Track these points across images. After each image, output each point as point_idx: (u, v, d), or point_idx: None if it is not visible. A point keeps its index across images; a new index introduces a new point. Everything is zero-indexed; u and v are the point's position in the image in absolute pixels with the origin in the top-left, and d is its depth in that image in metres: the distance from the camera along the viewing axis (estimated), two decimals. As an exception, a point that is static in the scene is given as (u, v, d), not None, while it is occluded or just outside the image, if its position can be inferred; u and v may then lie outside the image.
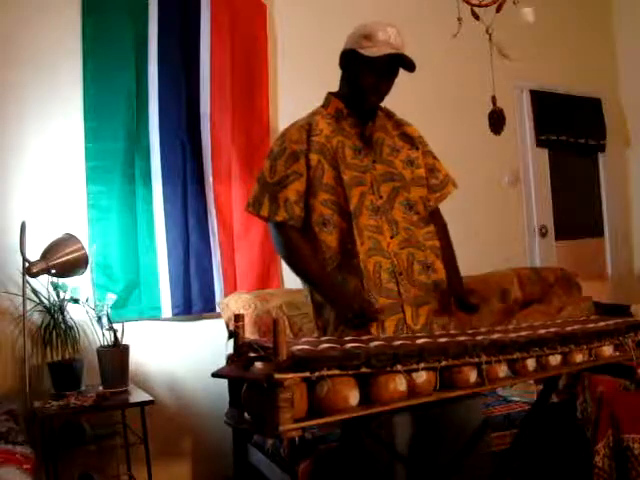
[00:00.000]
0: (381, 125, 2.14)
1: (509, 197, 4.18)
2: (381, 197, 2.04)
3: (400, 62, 2.03)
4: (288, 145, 2.05)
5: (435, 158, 2.23)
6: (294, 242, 2.04)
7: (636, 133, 4.59)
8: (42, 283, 2.86)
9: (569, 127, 4.39)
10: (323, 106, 2.16)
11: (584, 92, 4.42)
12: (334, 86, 2.16)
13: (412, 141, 2.17)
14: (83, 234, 2.96)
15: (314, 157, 2.02)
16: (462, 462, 1.97)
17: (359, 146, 2.07)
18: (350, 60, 2.06)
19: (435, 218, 2.19)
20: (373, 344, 1.51)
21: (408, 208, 2.07)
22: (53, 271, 2.73)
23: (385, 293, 1.98)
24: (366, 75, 2.03)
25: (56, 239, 2.81)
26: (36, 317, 2.89)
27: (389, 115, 2.19)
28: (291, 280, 3.41)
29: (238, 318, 1.50)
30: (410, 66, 2.03)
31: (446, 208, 2.27)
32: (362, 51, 2.00)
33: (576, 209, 4.52)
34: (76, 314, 2.92)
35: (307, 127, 2.07)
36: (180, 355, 3.23)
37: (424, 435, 1.99)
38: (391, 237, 2.02)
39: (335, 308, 1.98)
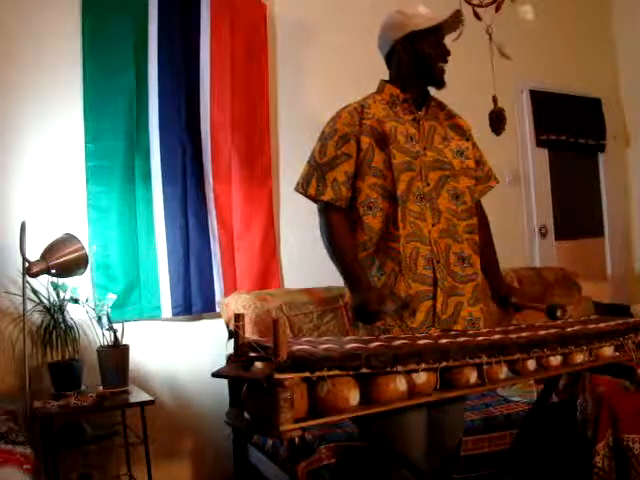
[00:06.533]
0: (433, 114, 2.17)
1: (509, 197, 4.17)
2: (428, 184, 2.06)
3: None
4: (340, 127, 2.07)
5: (480, 151, 2.27)
6: (334, 225, 2.04)
7: (636, 133, 4.59)
8: (42, 283, 2.87)
9: (569, 127, 4.38)
10: (376, 92, 2.18)
11: (584, 92, 4.41)
12: (334, 85, 2.15)
13: (463, 132, 2.19)
14: (83, 234, 2.96)
15: (365, 140, 2.04)
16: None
17: (411, 132, 2.09)
18: (406, 45, 2.09)
19: (477, 212, 2.21)
20: (373, 344, 1.51)
21: (455, 197, 2.09)
22: (53, 271, 2.73)
23: (420, 279, 2.00)
24: (432, 45, 2.08)
25: (56, 239, 2.81)
26: (36, 317, 2.89)
27: (441, 106, 2.23)
28: (291, 280, 3.42)
29: (238, 318, 1.49)
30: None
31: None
32: (423, 27, 2.06)
33: (576, 209, 4.51)
34: (76, 314, 2.92)
35: (360, 109, 2.09)
36: (180, 355, 3.22)
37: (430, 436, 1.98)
38: (433, 225, 2.04)
39: (352, 296, 1.97)
